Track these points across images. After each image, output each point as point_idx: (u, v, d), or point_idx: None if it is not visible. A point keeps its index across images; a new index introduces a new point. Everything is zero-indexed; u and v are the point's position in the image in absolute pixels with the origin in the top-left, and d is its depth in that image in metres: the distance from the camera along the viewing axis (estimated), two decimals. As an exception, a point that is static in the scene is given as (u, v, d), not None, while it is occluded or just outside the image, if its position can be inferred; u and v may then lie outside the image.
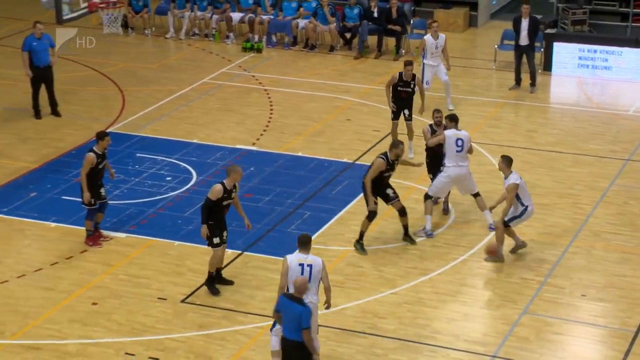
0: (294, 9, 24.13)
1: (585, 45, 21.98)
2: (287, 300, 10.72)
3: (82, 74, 22.15)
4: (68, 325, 12.83)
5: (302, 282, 10.69)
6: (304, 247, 11.33)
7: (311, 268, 11.17)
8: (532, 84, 21.16)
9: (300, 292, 10.66)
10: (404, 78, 17.27)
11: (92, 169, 14.41)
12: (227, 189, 13.10)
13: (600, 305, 13.33)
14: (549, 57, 22.12)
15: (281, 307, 10.72)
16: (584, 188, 16.59)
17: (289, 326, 10.66)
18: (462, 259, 14.47)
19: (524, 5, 21.33)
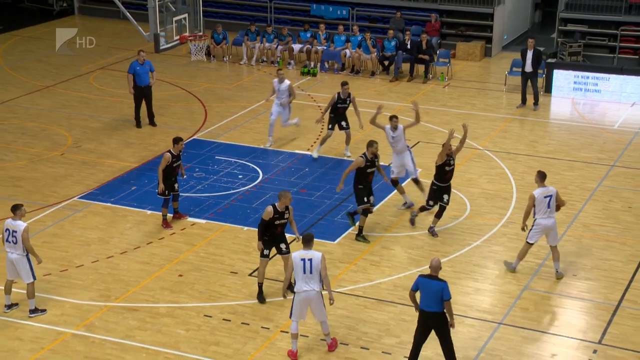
0: (342, 42, 24.10)
1: (579, 72, 21.62)
2: (426, 279, 10.56)
3: (174, 93, 22.34)
4: (160, 292, 12.97)
5: (437, 262, 10.57)
6: (307, 244, 11.07)
7: (311, 261, 10.94)
8: (536, 103, 20.90)
9: (436, 271, 10.55)
10: (341, 97, 17.28)
11: (168, 166, 14.53)
12: (278, 211, 12.24)
13: (587, 283, 13.14)
14: (549, 81, 21.80)
15: (420, 285, 10.57)
16: (575, 188, 16.35)
17: (429, 301, 10.50)
18: (476, 244, 14.34)
19: (530, 39, 21.05)
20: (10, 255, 12.14)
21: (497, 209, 15.52)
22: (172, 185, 14.77)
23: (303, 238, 11.20)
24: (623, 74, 21.29)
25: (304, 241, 11.16)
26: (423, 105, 21.09)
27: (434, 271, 10.58)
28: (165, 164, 14.55)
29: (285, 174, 17.17)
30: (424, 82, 22.93)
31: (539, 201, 12.92)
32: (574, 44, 23.72)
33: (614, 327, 11.97)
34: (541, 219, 12.98)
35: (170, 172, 14.66)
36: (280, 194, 12.34)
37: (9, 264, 12.22)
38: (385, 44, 23.58)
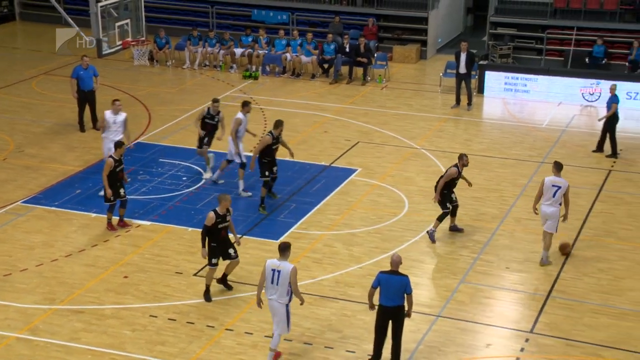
0: (283, 45, 24.05)
1: (509, 73, 21.99)
2: (388, 275, 10.60)
3: (118, 96, 21.93)
4: (105, 294, 12.74)
5: (397, 258, 10.68)
6: (281, 253, 10.79)
7: (279, 273, 10.66)
8: (469, 103, 21.16)
9: (397, 266, 10.65)
10: (210, 112, 16.32)
11: (111, 171, 14.26)
12: (219, 215, 12.10)
13: (520, 275, 13.35)
14: (481, 82, 22.10)
15: (382, 281, 10.58)
16: (508, 185, 16.59)
17: (392, 295, 10.54)
18: (414, 240, 14.44)
19: (463, 42, 21.31)
20: None
21: (434, 205, 15.62)
22: (117, 191, 14.46)
23: (279, 247, 10.84)
24: (550, 74, 21.72)
25: (279, 250, 10.82)
26: (362, 106, 21.21)
27: (395, 266, 10.68)
28: (108, 169, 14.27)
29: (228, 175, 17.03)
30: (363, 84, 23.03)
31: (547, 188, 13.27)
32: (504, 47, 24.10)
33: (545, 316, 12.19)
34: (543, 205, 13.37)
35: (115, 177, 14.38)
36: (220, 197, 12.23)
37: None
38: (324, 48, 23.61)
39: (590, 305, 12.44)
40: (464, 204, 15.61)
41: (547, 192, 13.27)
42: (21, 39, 28.28)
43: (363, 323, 11.97)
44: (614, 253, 13.92)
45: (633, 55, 22.44)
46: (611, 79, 21.00)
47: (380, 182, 16.67)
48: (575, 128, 19.82)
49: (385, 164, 17.57)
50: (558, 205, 13.32)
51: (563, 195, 13.28)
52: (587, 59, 23.02)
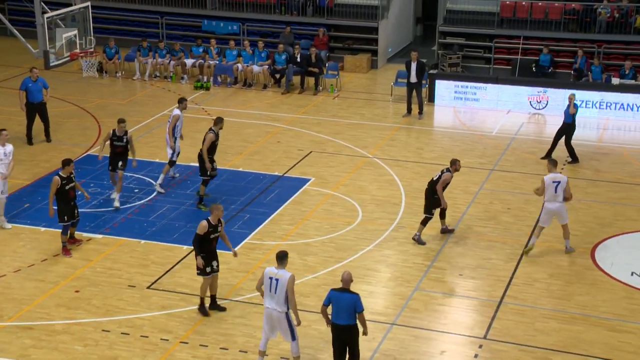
0: (234, 56, 24.00)
1: (459, 82, 22.28)
2: (338, 293, 10.41)
3: (66, 109, 21.68)
4: (55, 309, 12.51)
5: (348, 275, 10.46)
6: (279, 261, 10.75)
7: (277, 282, 10.65)
8: (420, 112, 21.37)
9: (347, 284, 10.43)
10: (117, 134, 15.67)
11: (59, 189, 13.82)
12: (211, 224, 11.97)
13: (472, 282, 13.48)
14: (432, 91, 22.35)
15: (333, 299, 10.41)
16: (460, 192, 16.77)
17: (342, 313, 10.36)
18: (368, 249, 14.49)
19: (413, 52, 21.52)
20: None
21: (387, 214, 15.75)
22: (71, 212, 14.01)
23: (276, 255, 10.77)
24: (498, 83, 22.05)
25: (277, 258, 10.75)
26: (315, 116, 21.26)
27: (345, 284, 10.51)
28: (55, 187, 13.79)
29: (181, 186, 16.91)
30: (315, 94, 23.10)
31: (548, 185, 13.78)
32: (453, 56, 24.42)
33: (497, 322, 12.33)
34: (548, 202, 13.92)
35: (65, 196, 13.91)
36: (212, 207, 12.02)
37: None
38: (276, 58, 23.62)
39: (541, 310, 12.63)
40: (417, 212, 15.74)
41: (549, 189, 13.80)
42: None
43: (319, 333, 11.96)
44: (563, 258, 14.16)
45: (578, 64, 22.93)
46: (557, 87, 21.47)
47: (333, 191, 16.70)
48: (524, 135, 20.15)
49: (338, 173, 17.62)
50: (562, 200, 13.90)
51: (564, 189, 13.84)
52: (534, 67, 23.46)
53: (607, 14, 23.97)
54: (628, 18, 23.82)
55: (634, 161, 18.28)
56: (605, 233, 15.00)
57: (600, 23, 23.97)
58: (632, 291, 13.12)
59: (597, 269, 13.80)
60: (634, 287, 13.23)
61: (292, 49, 23.85)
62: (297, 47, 23.71)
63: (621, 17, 23.86)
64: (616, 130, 20.41)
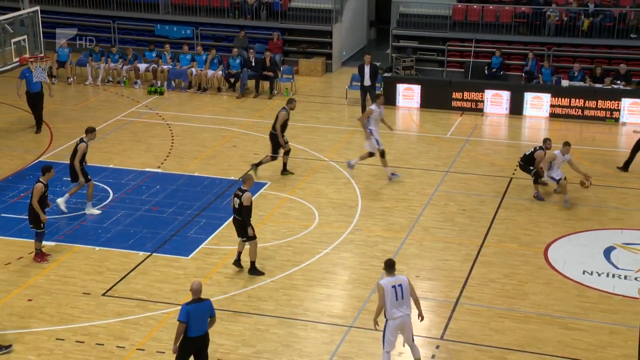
0: (188, 60, 23.85)
1: (412, 85, 22.44)
2: (196, 305, 10.18)
3: (17, 115, 21.29)
4: (7, 319, 12.25)
5: (197, 285, 10.30)
6: (391, 269, 10.73)
7: (401, 287, 10.65)
8: (375, 115, 21.45)
9: (198, 293, 10.27)
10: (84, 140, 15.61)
11: (41, 197, 13.71)
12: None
13: (429, 283, 13.58)
14: (387, 94, 22.46)
15: (191, 313, 10.11)
16: (415, 194, 16.88)
17: (201, 324, 10.18)
18: (325, 252, 14.50)
19: (366, 55, 21.63)
20: None
21: (344, 217, 15.79)
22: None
23: (386, 264, 10.75)
24: (451, 86, 22.27)
25: (387, 267, 10.72)
26: (270, 119, 21.13)
27: (197, 294, 10.27)
28: (38, 195, 13.63)
29: (136, 192, 16.74)
30: (270, 98, 23.07)
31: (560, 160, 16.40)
32: (407, 59, 24.61)
33: (454, 322, 12.44)
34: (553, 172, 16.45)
35: (44, 203, 13.80)
36: (245, 177, 13.40)
37: None
38: (230, 62, 23.55)
39: (497, 310, 12.78)
40: (374, 214, 15.83)
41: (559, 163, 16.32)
42: None
43: (277, 337, 11.94)
44: (517, 258, 14.36)
45: (529, 67, 23.31)
46: (509, 90, 21.80)
47: (290, 195, 16.70)
48: (478, 138, 20.39)
49: (295, 177, 17.62)
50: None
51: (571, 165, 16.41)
52: (486, 70, 23.76)
53: (556, 17, 24.42)
54: (576, 21, 24.30)
55: (585, 162, 18.63)
56: (557, 233, 15.26)
57: (550, 26, 24.41)
58: (583, 289, 13.36)
59: (550, 268, 14.03)
60: (585, 285, 13.48)
61: (247, 53, 23.80)
62: (251, 51, 23.66)
63: (570, 20, 24.33)
64: (566, 132, 20.77)
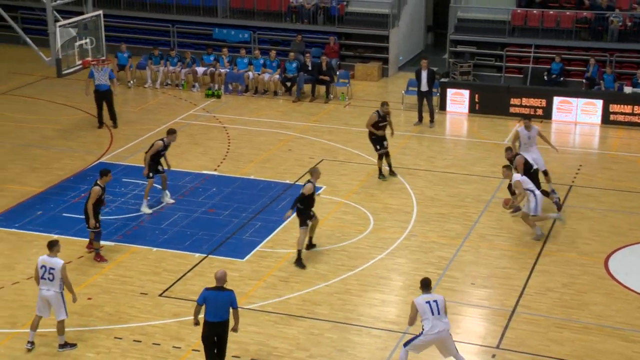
0: (245, 64, 24.07)
1: (462, 90, 22.13)
2: (215, 292, 10.71)
3: (79, 117, 21.77)
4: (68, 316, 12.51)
5: (222, 274, 10.77)
6: (426, 288, 10.90)
7: (437, 302, 10.80)
8: (431, 120, 21.35)
9: (222, 282, 10.74)
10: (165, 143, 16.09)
11: (98, 199, 14.06)
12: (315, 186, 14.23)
13: (485, 291, 13.44)
14: (444, 99, 22.35)
15: (208, 299, 10.66)
16: (472, 201, 16.73)
17: (218, 311, 10.64)
18: (380, 257, 14.47)
19: (423, 60, 21.53)
20: (46, 293, 11.50)
21: (399, 222, 15.73)
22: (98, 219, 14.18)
23: (422, 283, 10.96)
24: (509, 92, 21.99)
25: (424, 286, 10.91)
26: (326, 124, 21.29)
27: (220, 282, 10.78)
28: (95, 197, 13.99)
29: (193, 194, 16.95)
30: (326, 102, 23.13)
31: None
32: (464, 64, 24.41)
33: (510, 331, 12.28)
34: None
35: (99, 204, 14.16)
36: (313, 170, 14.29)
37: (43, 301, 11.59)
38: (287, 66, 23.68)
39: (555, 320, 12.57)
40: (429, 220, 15.74)
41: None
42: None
43: (331, 341, 11.95)
44: (576, 268, 14.11)
45: (590, 73, 22.89)
46: (569, 96, 21.43)
47: (345, 199, 16.70)
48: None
49: (350, 181, 17.63)
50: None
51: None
52: (546, 76, 23.42)
53: (619, 23, 23.94)
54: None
55: (647, 170, 18.22)
56: (619, 242, 14.94)
57: (613, 31, 23.93)
58: (646, 301, 13.06)
59: (611, 278, 13.74)
60: (648, 296, 13.18)
61: (303, 57, 23.91)
62: (308, 55, 23.76)
63: (634, 25, 23.81)
64: (629, 139, 20.33)
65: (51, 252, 11.59)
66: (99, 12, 20.63)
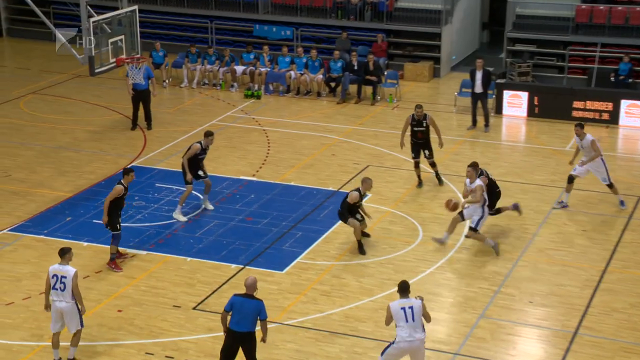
0: (287, 63, 24.12)
1: (519, 92, 21.87)
2: (243, 299, 10.71)
3: (111, 118, 22.02)
4: (97, 329, 12.64)
5: (252, 281, 10.76)
6: (405, 293, 10.83)
7: (412, 309, 10.72)
8: (486, 124, 21.14)
9: (252, 290, 10.73)
10: (203, 146, 16.10)
11: (117, 198, 14.20)
12: (361, 196, 14.69)
13: (544, 310, 13.23)
14: (499, 102, 22.11)
15: (234, 305, 10.69)
16: (529, 212, 16.48)
17: (244, 320, 10.63)
18: (429, 271, 14.34)
19: (478, 59, 21.32)
20: (59, 305, 11.54)
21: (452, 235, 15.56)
22: (119, 219, 14.28)
23: (400, 287, 10.87)
24: (573, 94, 21.66)
25: (402, 291, 10.85)
26: (372, 127, 21.20)
27: (250, 290, 10.76)
28: (115, 195, 14.10)
29: (230, 201, 17.00)
30: (372, 104, 23.05)
31: None
32: (522, 64, 24.13)
33: (572, 355, 12.05)
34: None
35: (119, 205, 14.25)
36: (364, 179, 14.65)
37: (57, 315, 11.60)
38: (331, 65, 23.66)
39: (622, 343, 12.30)
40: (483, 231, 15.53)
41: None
42: (8, 57, 28.41)
43: (376, 361, 11.86)
44: (645, 286, 13.81)
45: (661, 74, 22.46)
46: (638, 99, 21.02)
47: (392, 208, 16.59)
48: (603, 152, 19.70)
49: (397, 189, 17.51)
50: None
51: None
52: (613, 77, 23.01)
53: (693, 19, 23.45)
54: None
55: None
56: (692, 259, 14.59)
57: (686, 29, 23.45)
58: None
59: (684, 298, 13.42)
60: None
61: (349, 56, 23.86)
62: (354, 54, 23.71)
63: None
64: None
65: (63, 260, 11.59)
66: (134, 7, 20.83)
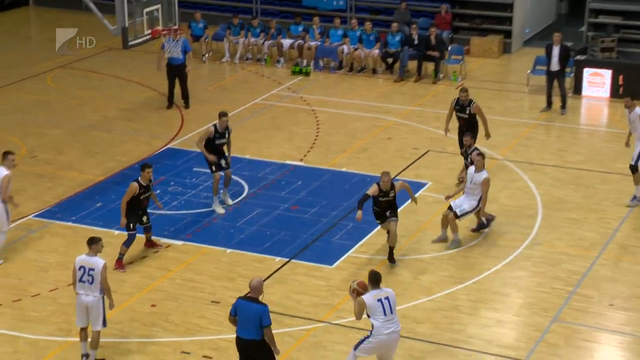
0: (339, 36, 24.15)
1: (601, 69, 21.64)
2: (245, 302, 10.66)
3: (145, 95, 22.31)
4: (129, 325, 12.86)
5: (257, 283, 10.68)
6: (376, 284, 10.95)
7: (389, 300, 10.88)
8: (563, 106, 20.95)
9: (256, 292, 10.65)
10: (219, 130, 15.99)
11: (134, 197, 14.23)
12: (382, 190, 14.18)
13: (626, 314, 13.11)
14: (579, 81, 21.88)
15: (238, 309, 10.64)
16: (610, 204, 16.33)
17: (247, 326, 10.59)
18: (495, 269, 14.30)
19: (555, 33, 21.14)
20: (85, 298, 11.77)
21: (519, 228, 15.50)
22: (139, 218, 14.42)
23: (371, 279, 11.00)
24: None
25: (374, 282, 10.97)
26: (433, 108, 21.16)
27: (254, 293, 10.64)
28: (131, 195, 14.21)
29: (274, 187, 17.13)
30: (434, 83, 22.99)
31: None
32: (606, 39, 23.82)
33: (658, 364, 11.96)
34: None
35: (137, 204, 14.34)
36: (383, 173, 14.29)
37: (82, 308, 11.83)
38: (388, 39, 23.64)
39: None
40: (557, 226, 15.42)
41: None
42: (35, 27, 28.95)
43: (434, 367, 11.89)
44: None
45: None
46: None
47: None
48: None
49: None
50: None
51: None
52: None
53: None
54: None
55: None
56: None
57: None
58: None
59: None
60: None
61: (408, 29, 23.81)
62: (414, 26, 23.66)
63: None
64: None
65: (90, 251, 11.75)
66: (172, -26, 21.05)
